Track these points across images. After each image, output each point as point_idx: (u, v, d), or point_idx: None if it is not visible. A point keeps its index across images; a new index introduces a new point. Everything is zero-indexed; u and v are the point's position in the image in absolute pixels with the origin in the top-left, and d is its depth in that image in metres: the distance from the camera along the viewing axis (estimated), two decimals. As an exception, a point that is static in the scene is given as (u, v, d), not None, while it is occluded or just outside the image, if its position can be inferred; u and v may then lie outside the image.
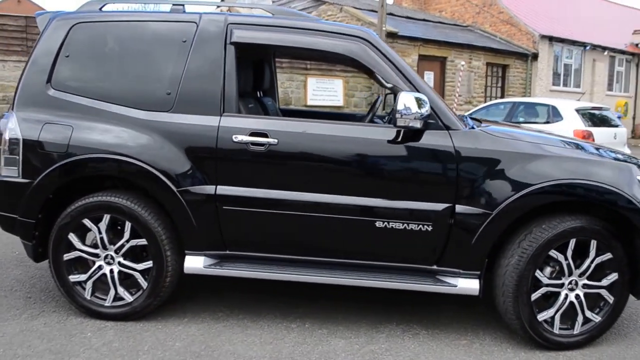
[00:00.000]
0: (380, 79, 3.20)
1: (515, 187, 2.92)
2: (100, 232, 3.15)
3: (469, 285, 3.04)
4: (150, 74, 3.19)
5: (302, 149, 3.04)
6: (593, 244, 2.99)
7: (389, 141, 3.00)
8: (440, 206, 2.98)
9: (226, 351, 2.92)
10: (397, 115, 2.87)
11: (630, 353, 3.08)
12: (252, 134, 3.02)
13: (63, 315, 3.28)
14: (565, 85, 21.66)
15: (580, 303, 3.05)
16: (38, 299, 3.53)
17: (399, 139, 3.00)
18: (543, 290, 3.02)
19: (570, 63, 21.40)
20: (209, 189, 3.06)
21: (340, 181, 3.02)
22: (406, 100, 2.86)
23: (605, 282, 3.05)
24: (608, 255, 3.01)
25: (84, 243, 3.20)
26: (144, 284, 3.18)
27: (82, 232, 3.21)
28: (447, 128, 3.01)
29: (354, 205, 3.01)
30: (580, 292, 3.05)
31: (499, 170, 2.95)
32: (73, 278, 3.21)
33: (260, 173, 3.05)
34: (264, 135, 3.02)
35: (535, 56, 19.58)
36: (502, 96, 18.82)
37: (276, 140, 3.01)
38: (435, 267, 3.09)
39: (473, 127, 3.10)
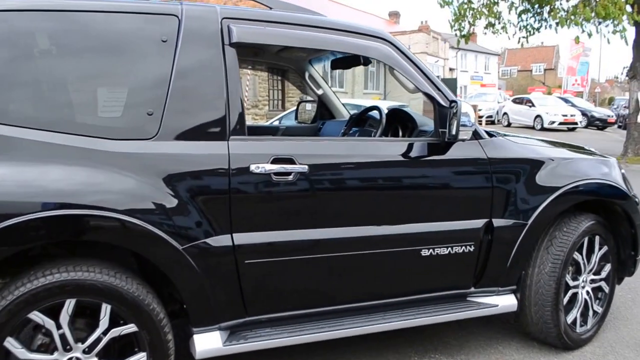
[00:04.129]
0: (405, 81, 2.78)
1: (547, 192, 2.83)
2: (60, 328, 2.08)
3: (507, 302, 2.87)
4: (117, 87, 2.24)
5: (338, 174, 2.47)
6: (597, 239, 3.09)
7: (433, 156, 2.63)
8: (479, 223, 2.73)
9: None
10: (462, 128, 2.51)
11: (624, 331, 3.30)
12: (276, 161, 2.33)
13: None
14: (332, 85, 23.32)
15: (590, 298, 3.13)
16: None
17: (443, 153, 2.65)
18: (570, 293, 3.01)
19: (334, 65, 23.11)
20: (224, 239, 2.27)
21: (385, 208, 2.55)
22: (467, 110, 2.53)
23: (603, 274, 3.19)
24: (605, 248, 3.15)
25: (29, 348, 2.09)
26: (132, 388, 2.22)
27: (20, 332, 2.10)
28: (477, 137, 2.76)
29: (401, 234, 2.57)
30: (588, 287, 3.13)
31: (528, 177, 2.82)
32: (15, 408, 2.07)
33: (288, 210, 2.39)
34: (291, 161, 2.36)
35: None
36: (284, 99, 19.34)
37: (306, 167, 2.37)
38: (472, 289, 2.83)
39: (493, 135, 2.91)
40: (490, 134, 2.91)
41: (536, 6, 14.00)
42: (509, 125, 24.87)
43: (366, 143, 2.67)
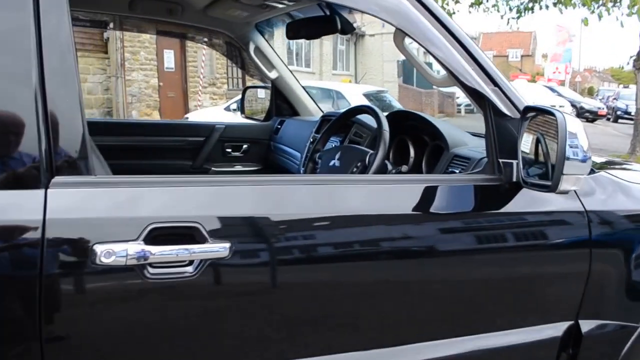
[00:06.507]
0: (426, 67, 1.49)
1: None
2: None
3: None
4: None
5: (299, 258, 1.17)
6: None
7: (487, 210, 1.37)
8: (559, 328, 1.48)
9: None
10: (568, 166, 1.23)
11: None
12: (157, 235, 1.02)
13: None
14: (298, 65, 21.95)
15: None
16: None
17: (504, 203, 1.36)
18: None
19: (301, 43, 21.69)
20: None
21: (391, 317, 1.28)
22: (574, 129, 1.25)
23: None
24: None
25: None
26: None
27: None
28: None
29: None
30: None
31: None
32: None
33: (181, 342, 1.09)
34: (191, 233, 1.04)
35: (271, 35, 19.14)
36: (244, 77, 17.88)
37: (226, 246, 1.05)
38: None
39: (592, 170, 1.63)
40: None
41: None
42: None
43: (372, 187, 1.32)
